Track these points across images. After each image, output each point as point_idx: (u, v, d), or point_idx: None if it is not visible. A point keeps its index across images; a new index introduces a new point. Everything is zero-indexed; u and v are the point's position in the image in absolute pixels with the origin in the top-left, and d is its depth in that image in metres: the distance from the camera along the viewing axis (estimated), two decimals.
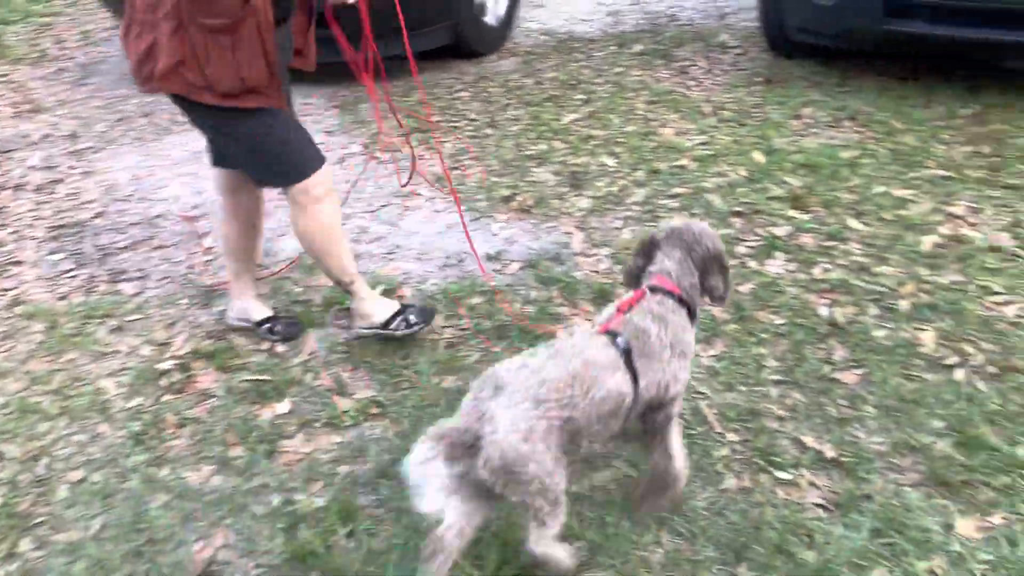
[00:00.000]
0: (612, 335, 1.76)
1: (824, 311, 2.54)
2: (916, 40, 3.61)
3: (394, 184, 3.40)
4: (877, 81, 3.91)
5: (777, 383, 2.30)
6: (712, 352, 2.43)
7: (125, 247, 3.22)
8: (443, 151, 3.68)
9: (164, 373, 2.51)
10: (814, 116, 3.68)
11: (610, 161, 3.52)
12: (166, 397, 2.42)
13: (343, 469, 2.14)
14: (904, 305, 2.51)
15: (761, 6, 4.32)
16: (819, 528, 1.88)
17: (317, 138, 2.42)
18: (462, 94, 4.35)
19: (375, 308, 2.53)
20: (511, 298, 2.75)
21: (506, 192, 3.39)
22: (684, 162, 3.42)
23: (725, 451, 2.11)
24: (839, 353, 2.37)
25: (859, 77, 3.98)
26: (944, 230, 2.81)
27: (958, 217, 2.88)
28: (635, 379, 1.73)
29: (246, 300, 2.65)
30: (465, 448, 1.60)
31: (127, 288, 2.96)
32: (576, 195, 3.31)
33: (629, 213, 3.16)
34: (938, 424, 2.11)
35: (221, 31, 2.06)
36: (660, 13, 5.33)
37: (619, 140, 3.67)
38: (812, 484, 2.01)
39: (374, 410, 2.32)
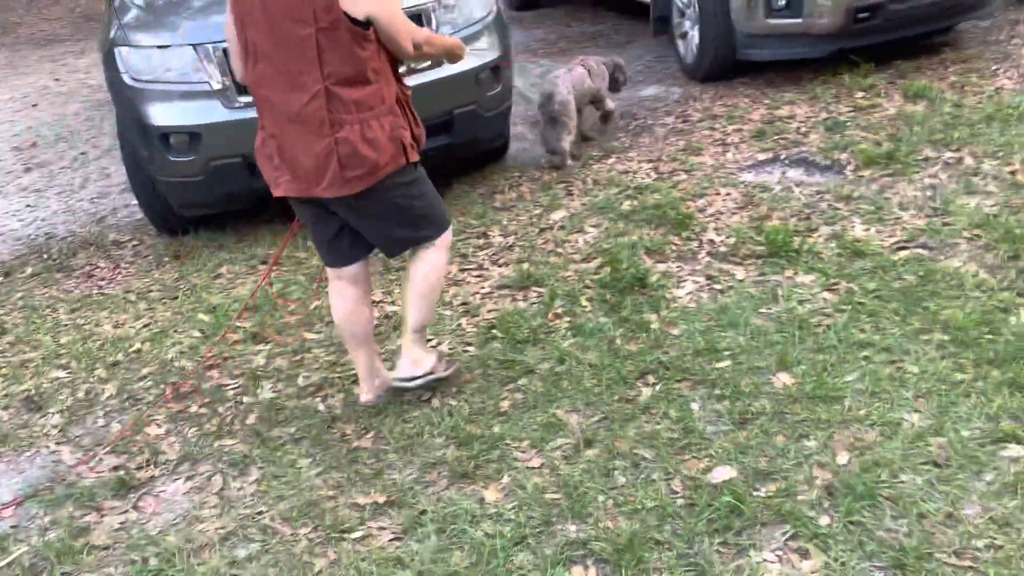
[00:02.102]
0: (586, 66, 4.83)
1: (322, 406, 2.99)
2: None
3: None
4: (269, 226, 4.57)
5: (318, 473, 2.65)
6: (251, 479, 2.68)
7: None
8: None
9: None
10: (233, 270, 4.15)
11: (62, 373, 3.45)
12: None
13: None
14: None
15: (141, 197, 4.64)
16: (403, 553, 2.29)
17: None
18: None
19: (425, 356, 2.85)
20: (24, 536, 2.58)
21: None
22: (138, 346, 3.56)
23: (303, 543, 2.39)
24: (350, 429, 2.84)
25: (254, 228, 4.59)
26: (375, 313, 3.52)
27: (379, 302, 3.62)
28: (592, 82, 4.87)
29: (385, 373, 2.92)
30: (546, 98, 4.60)
31: None
32: (42, 417, 3.19)
33: (108, 408, 3.18)
34: (440, 440, 2.71)
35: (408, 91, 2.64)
36: (33, 236, 5.22)
37: (61, 352, 3.61)
38: (380, 528, 2.41)
39: None
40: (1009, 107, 4.47)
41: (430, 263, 2.73)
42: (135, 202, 4.86)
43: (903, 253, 3.34)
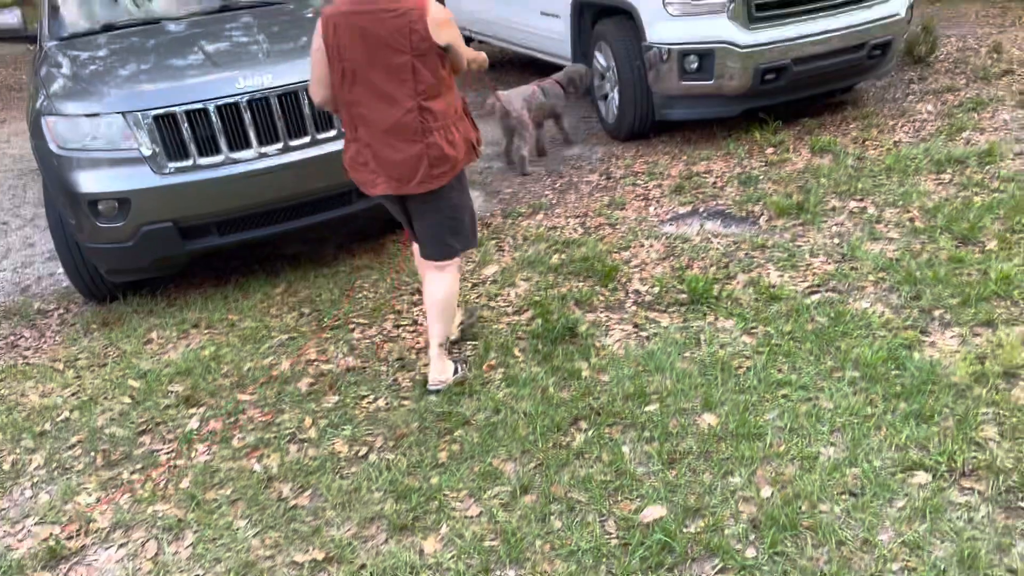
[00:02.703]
0: (540, 86, 5.73)
1: (258, 466, 2.98)
2: (211, 250, 4.37)
3: None
4: (199, 291, 4.56)
5: (256, 534, 2.64)
6: (186, 543, 2.65)
7: None
8: None
9: None
10: (164, 335, 4.11)
11: None
12: None
13: None
14: (312, 433, 3.12)
15: (68, 264, 4.57)
16: None
17: None
18: None
19: (448, 364, 3.30)
20: None
21: None
22: (66, 414, 3.49)
23: None
24: (286, 488, 2.84)
25: (184, 293, 4.57)
26: (310, 371, 3.54)
27: (314, 360, 3.64)
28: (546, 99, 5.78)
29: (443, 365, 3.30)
30: (504, 113, 5.55)
31: None
32: None
33: (36, 478, 3.10)
34: (378, 495, 2.74)
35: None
36: None
37: None
38: None
39: None
40: (907, 159, 4.80)
41: (446, 282, 3.19)
42: (61, 271, 4.79)
43: (815, 297, 3.54)
